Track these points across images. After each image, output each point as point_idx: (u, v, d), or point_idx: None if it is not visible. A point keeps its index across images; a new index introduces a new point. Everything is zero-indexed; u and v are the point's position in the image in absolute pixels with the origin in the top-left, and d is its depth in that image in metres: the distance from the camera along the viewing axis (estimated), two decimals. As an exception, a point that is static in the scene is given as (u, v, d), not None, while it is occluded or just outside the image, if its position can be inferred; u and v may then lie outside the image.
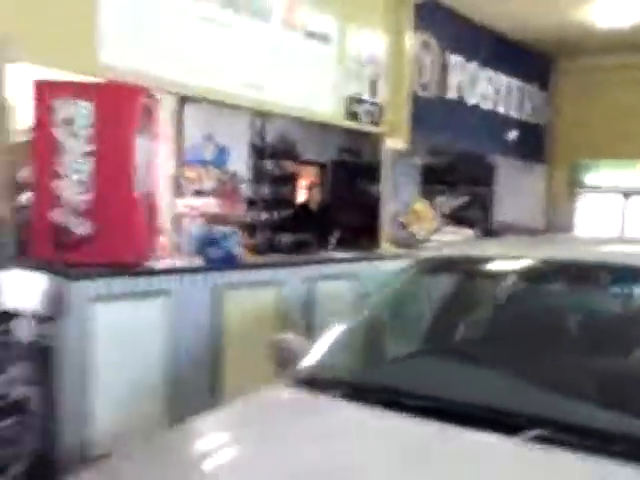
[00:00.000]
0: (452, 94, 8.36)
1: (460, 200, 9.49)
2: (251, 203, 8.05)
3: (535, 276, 2.72)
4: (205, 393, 4.25)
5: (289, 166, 8.76)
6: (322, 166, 9.29)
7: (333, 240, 6.40)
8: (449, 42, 8.14)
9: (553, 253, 2.83)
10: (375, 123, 7.06)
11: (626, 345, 2.35)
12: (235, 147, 8.22)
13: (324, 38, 6.45)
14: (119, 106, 3.74)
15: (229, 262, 4.50)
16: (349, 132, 7.49)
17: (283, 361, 2.64)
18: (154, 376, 3.98)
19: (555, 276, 2.65)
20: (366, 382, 2.37)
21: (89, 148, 3.70)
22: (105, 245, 3.75)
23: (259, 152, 8.55)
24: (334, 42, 6.53)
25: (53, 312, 3.66)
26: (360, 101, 6.87)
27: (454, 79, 8.36)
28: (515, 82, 9.70)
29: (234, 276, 4.54)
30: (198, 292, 4.27)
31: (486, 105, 9.09)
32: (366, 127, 6.97)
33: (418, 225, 6.84)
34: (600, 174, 10.47)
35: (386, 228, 6.89)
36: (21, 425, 3.63)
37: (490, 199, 10.59)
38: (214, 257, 4.44)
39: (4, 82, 3.71)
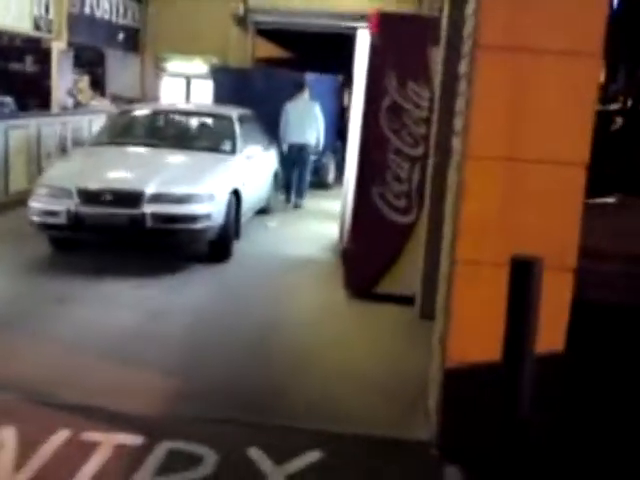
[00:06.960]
0: (87, 11, 13.16)
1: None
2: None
3: (156, 114, 8.97)
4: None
5: None
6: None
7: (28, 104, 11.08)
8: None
9: (162, 107, 9.16)
10: (49, 32, 11.66)
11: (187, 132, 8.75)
12: None
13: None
14: None
15: (10, 115, 9.21)
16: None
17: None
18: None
19: (163, 114, 9.00)
20: (118, 141, 8.02)
21: None
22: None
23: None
24: (28, -16, 10.91)
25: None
26: (40, 18, 11.40)
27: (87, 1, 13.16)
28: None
29: (11, 122, 9.28)
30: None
31: (105, 16, 14.04)
32: (45, 35, 11.54)
33: (82, 95, 11.87)
34: (173, 63, 16.31)
35: (58, 98, 11.72)
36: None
37: (104, 78, 15.63)
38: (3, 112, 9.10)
39: None
